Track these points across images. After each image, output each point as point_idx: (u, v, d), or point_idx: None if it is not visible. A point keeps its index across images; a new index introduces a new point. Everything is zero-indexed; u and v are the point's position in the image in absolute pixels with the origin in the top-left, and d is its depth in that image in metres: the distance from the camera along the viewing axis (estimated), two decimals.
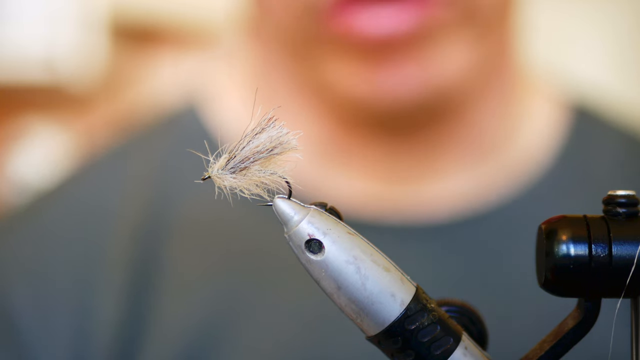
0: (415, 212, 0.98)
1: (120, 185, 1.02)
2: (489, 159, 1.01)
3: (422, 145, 0.99)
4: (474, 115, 1.00)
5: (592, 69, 2.48)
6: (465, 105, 0.99)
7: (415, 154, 0.99)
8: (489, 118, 1.01)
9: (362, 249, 0.53)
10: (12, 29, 2.44)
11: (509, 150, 1.01)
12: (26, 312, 0.95)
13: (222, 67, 1.12)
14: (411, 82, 0.93)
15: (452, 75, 0.94)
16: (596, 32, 2.53)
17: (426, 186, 0.99)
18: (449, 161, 0.99)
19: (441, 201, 0.98)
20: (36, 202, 1.05)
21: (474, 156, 1.00)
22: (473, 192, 0.99)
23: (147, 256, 0.96)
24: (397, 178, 0.99)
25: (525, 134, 1.03)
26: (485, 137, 1.01)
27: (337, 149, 0.99)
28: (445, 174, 0.99)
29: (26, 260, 0.99)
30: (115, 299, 0.94)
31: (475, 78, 0.97)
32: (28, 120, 2.61)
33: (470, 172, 1.00)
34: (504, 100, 1.02)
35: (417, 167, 0.99)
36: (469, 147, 1.00)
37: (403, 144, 0.98)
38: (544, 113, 1.04)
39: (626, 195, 0.54)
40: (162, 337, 0.93)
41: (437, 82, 0.94)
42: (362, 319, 0.53)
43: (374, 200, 0.98)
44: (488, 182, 1.00)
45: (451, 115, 0.98)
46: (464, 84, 0.96)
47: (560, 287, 0.53)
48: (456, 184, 0.99)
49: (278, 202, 0.54)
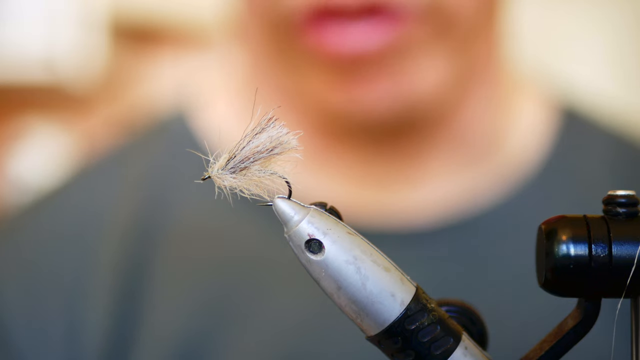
0: (401, 217, 0.98)
1: (115, 189, 1.02)
2: (479, 162, 1.01)
3: (404, 152, 0.99)
4: (458, 122, 1.00)
5: (582, 70, 2.48)
6: (447, 114, 0.99)
7: (396, 161, 0.99)
8: (474, 124, 1.01)
9: (362, 249, 0.53)
10: (12, 29, 2.43)
11: (498, 153, 1.01)
12: (17, 313, 0.95)
13: (212, 72, 1.12)
14: (384, 96, 0.94)
15: (427, 88, 0.94)
16: (587, 32, 2.53)
17: (411, 191, 0.99)
18: (435, 167, 1.00)
19: (429, 206, 0.98)
20: (33, 204, 1.05)
21: (463, 160, 1.00)
22: (463, 195, 0.99)
23: (140, 259, 0.97)
24: (376, 183, 0.99)
25: (514, 137, 1.03)
26: (472, 142, 1.01)
27: (316, 154, 0.99)
28: (432, 179, 0.99)
29: (20, 261, 0.99)
30: (106, 301, 0.95)
31: (453, 88, 0.97)
32: (28, 120, 2.61)
33: (459, 176, 1.00)
34: (490, 106, 1.02)
35: (400, 173, 0.99)
36: (456, 153, 1.00)
37: (383, 152, 0.99)
38: (533, 115, 1.04)
39: (626, 195, 0.54)
40: (155, 339, 0.93)
41: (411, 96, 0.94)
42: (362, 319, 0.53)
43: (357, 205, 0.98)
44: (478, 185, 1.00)
45: (432, 123, 0.99)
46: (441, 95, 0.96)
47: (560, 287, 0.53)
48: (444, 188, 0.99)
49: (278, 202, 0.54)
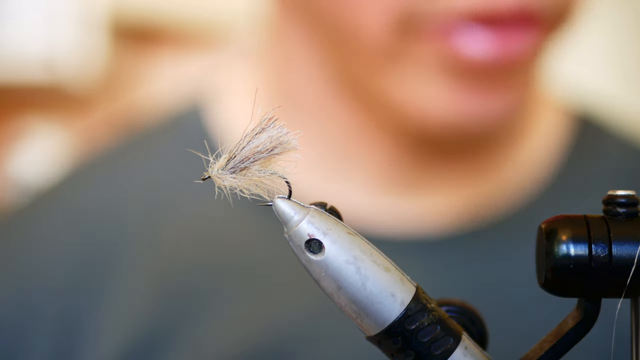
0: (413, 222, 0.98)
1: (118, 187, 1.01)
2: (495, 170, 1.00)
3: (453, 161, 0.98)
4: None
5: (594, 75, 2.48)
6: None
7: (423, 165, 0.98)
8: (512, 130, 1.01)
9: (362, 249, 0.53)
10: (12, 29, 2.43)
11: (513, 159, 1.01)
12: (10, 310, 0.96)
13: (233, 68, 1.10)
14: (502, 108, 0.92)
15: (514, 105, 0.94)
16: (599, 37, 2.52)
17: (426, 198, 0.99)
18: (451, 172, 0.99)
19: (441, 211, 0.98)
20: (32, 203, 1.04)
21: (477, 166, 1.00)
22: (475, 201, 0.99)
23: (141, 261, 0.96)
24: (400, 188, 0.98)
25: (529, 143, 1.02)
26: (496, 154, 1.00)
27: (344, 158, 0.99)
28: (445, 187, 0.99)
29: (19, 260, 0.99)
30: (106, 301, 0.95)
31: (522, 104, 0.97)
32: (28, 120, 2.61)
33: (472, 182, 0.99)
34: (525, 114, 1.02)
35: (419, 178, 0.98)
36: (474, 163, 1.00)
37: (440, 159, 0.98)
38: (551, 123, 1.04)
39: (626, 195, 0.54)
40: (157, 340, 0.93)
41: (515, 108, 0.94)
42: (362, 319, 0.53)
43: (374, 210, 0.98)
44: (491, 189, 0.99)
45: (496, 139, 0.99)
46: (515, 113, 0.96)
47: (560, 287, 0.53)
48: (457, 194, 0.99)
49: (278, 202, 0.54)
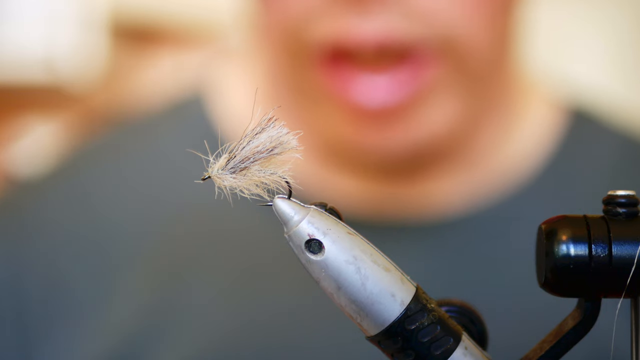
0: (409, 212, 0.98)
1: (112, 185, 1.01)
2: (484, 162, 1.01)
3: (411, 178, 0.99)
4: (471, 148, 1.00)
5: (589, 71, 2.48)
6: (459, 144, 0.99)
7: (402, 185, 0.99)
8: (487, 145, 1.01)
9: (362, 249, 0.53)
10: (12, 29, 2.43)
11: (505, 152, 1.01)
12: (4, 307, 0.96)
13: (228, 63, 1.11)
14: (400, 142, 0.93)
15: (442, 128, 0.94)
16: (595, 32, 2.52)
17: (419, 186, 0.99)
18: (439, 170, 0.99)
19: (436, 202, 0.98)
20: (31, 202, 1.04)
21: (469, 159, 1.00)
22: (468, 193, 0.99)
23: (140, 258, 0.96)
24: (391, 177, 0.99)
25: (521, 137, 1.02)
26: (479, 142, 1.01)
27: (334, 151, 0.99)
28: (439, 175, 0.99)
29: (16, 256, 0.99)
30: (106, 300, 0.95)
31: (467, 122, 0.97)
32: (28, 120, 2.61)
33: (465, 173, 1.00)
34: (503, 126, 1.02)
35: (410, 169, 0.99)
36: (463, 159, 1.00)
37: (391, 182, 0.99)
38: (540, 116, 1.04)
39: (626, 195, 0.54)
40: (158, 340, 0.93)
41: (426, 137, 0.94)
42: (362, 319, 0.53)
43: (369, 199, 0.98)
44: (483, 183, 1.00)
45: (443, 155, 0.98)
46: (455, 132, 0.96)
47: (560, 287, 0.53)
48: (451, 184, 0.99)
49: (278, 202, 0.54)
